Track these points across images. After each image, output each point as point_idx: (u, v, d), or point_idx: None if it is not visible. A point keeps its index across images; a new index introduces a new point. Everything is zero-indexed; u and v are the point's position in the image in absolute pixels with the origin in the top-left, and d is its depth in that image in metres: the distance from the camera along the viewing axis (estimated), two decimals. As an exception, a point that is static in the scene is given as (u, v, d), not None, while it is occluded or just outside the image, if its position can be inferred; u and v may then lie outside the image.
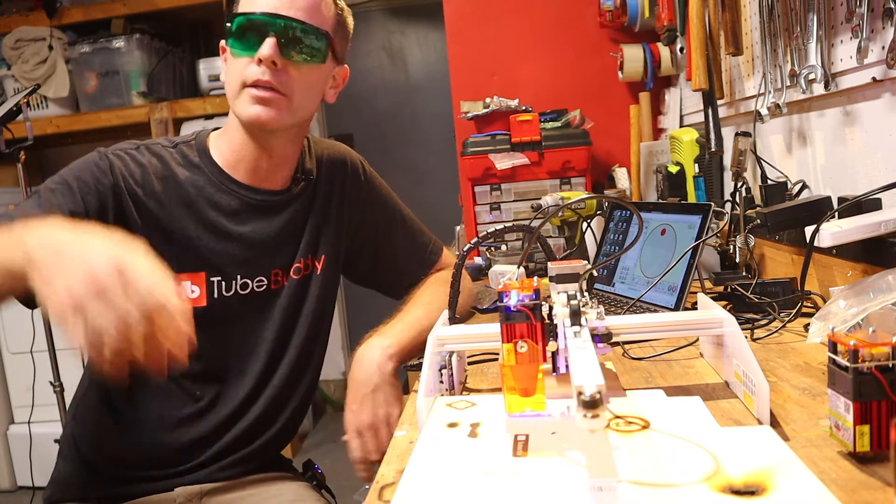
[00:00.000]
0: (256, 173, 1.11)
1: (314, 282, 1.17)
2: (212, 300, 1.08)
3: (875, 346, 0.54)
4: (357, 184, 1.24)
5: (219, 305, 1.09)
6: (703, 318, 0.80)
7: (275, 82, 1.02)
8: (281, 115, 1.04)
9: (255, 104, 1.03)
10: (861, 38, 1.01)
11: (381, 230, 1.26)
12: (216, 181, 1.10)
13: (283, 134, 1.09)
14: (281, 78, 1.03)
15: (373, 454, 1.01)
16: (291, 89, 1.04)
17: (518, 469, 0.57)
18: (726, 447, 0.58)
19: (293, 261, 1.15)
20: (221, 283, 1.09)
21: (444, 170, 3.43)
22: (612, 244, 1.41)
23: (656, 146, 1.99)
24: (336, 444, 3.21)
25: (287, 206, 1.15)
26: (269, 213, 1.13)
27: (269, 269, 1.13)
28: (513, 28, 2.23)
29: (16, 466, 3.05)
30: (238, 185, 1.11)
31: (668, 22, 1.57)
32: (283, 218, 1.14)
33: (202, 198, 1.08)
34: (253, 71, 1.02)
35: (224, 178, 1.10)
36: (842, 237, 0.97)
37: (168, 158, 1.09)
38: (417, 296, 1.19)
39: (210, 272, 1.08)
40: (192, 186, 1.08)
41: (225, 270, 1.09)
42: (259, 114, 1.03)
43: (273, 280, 1.13)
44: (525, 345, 0.64)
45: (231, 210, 1.10)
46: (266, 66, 1.01)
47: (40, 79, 2.99)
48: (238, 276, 1.10)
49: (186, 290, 1.06)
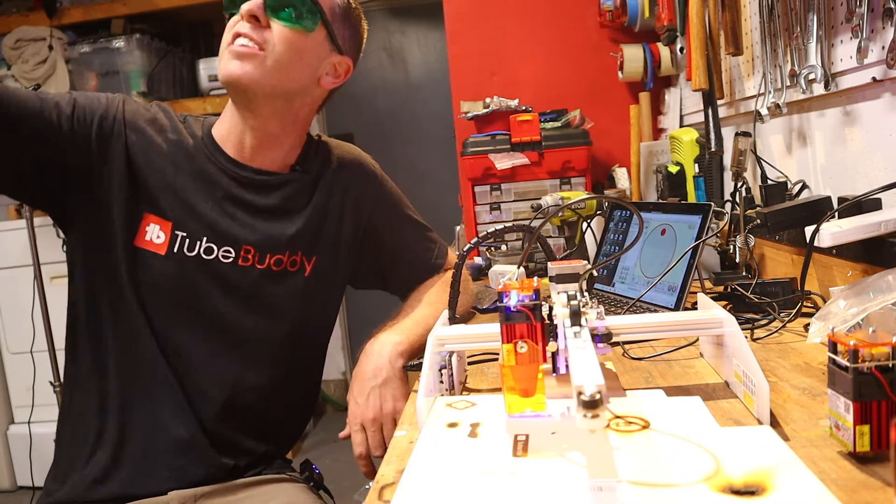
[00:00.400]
0: (242, 150, 1.12)
1: (301, 281, 1.15)
2: (171, 253, 1.07)
3: (875, 346, 0.54)
4: (366, 187, 1.23)
5: (178, 260, 1.07)
6: (703, 318, 0.80)
7: (254, 36, 1.02)
8: (255, 71, 1.03)
9: (232, 59, 1.03)
10: (861, 38, 1.01)
11: (389, 234, 1.25)
12: (207, 151, 1.11)
13: (264, 103, 1.07)
14: (263, 34, 1.03)
15: (376, 449, 1.00)
16: (272, 47, 1.03)
17: (518, 469, 0.57)
18: (726, 447, 0.58)
19: (274, 249, 1.13)
20: (185, 239, 1.08)
21: (444, 170, 3.42)
22: (612, 244, 1.41)
23: (656, 146, 1.99)
24: (336, 444, 3.20)
25: (274, 189, 1.13)
26: (252, 190, 1.12)
27: (239, 242, 1.11)
28: (513, 28, 2.23)
29: (16, 466, 3.05)
30: (226, 157, 1.11)
31: (668, 22, 1.57)
32: (268, 200, 1.13)
33: (191, 159, 1.10)
34: (238, 26, 1.03)
35: (216, 150, 1.11)
36: (842, 237, 0.97)
37: (176, 121, 1.13)
38: (425, 295, 1.19)
39: (177, 225, 1.08)
40: (185, 148, 1.10)
41: (192, 228, 1.09)
42: (233, 69, 1.02)
43: (242, 256, 1.11)
44: (525, 345, 0.64)
45: (213, 178, 1.10)
46: (246, 20, 1.02)
47: (40, 79, 2.99)
48: (204, 238, 1.09)
49: (153, 232, 1.07)
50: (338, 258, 1.20)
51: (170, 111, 1.15)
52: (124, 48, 3.04)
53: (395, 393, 1.01)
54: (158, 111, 1.14)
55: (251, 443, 1.14)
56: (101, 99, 1.08)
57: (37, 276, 2.51)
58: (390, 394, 1.01)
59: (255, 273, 1.12)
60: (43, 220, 2.77)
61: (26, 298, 2.68)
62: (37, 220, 2.60)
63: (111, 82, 3.07)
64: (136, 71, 3.07)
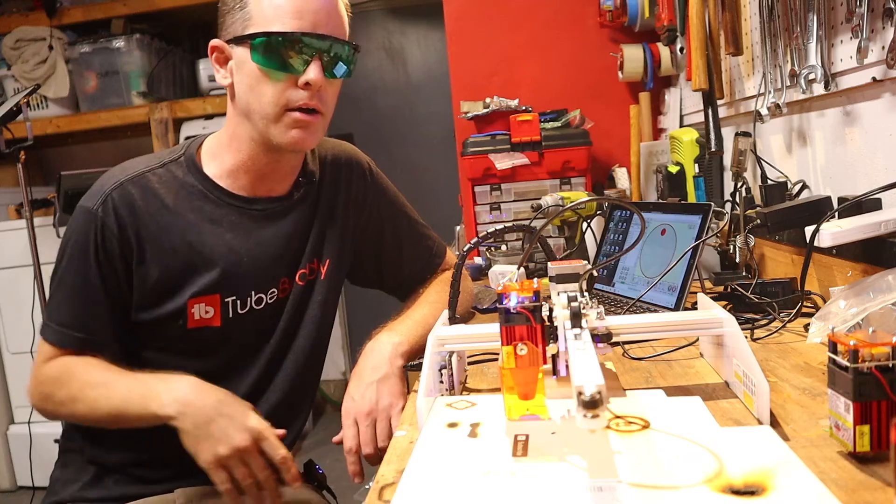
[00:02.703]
0: (262, 183, 1.10)
1: (318, 286, 1.17)
2: (226, 320, 1.08)
3: (875, 346, 0.54)
4: (363, 184, 1.23)
5: (233, 323, 1.08)
6: (703, 318, 0.80)
7: (318, 106, 1.01)
8: (318, 136, 1.05)
9: (297, 128, 1.01)
10: (861, 38, 1.01)
11: (387, 232, 1.25)
12: (213, 196, 1.07)
13: None
14: (322, 97, 1.02)
15: (366, 445, 0.97)
16: (328, 107, 1.04)
17: (518, 469, 0.57)
18: (726, 447, 0.58)
19: (299, 266, 1.14)
20: (237, 301, 1.08)
21: (444, 170, 3.42)
22: (612, 244, 1.41)
23: (656, 146, 1.99)
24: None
25: (290, 211, 1.13)
26: (271, 222, 1.11)
27: (278, 278, 1.12)
28: (513, 28, 2.23)
29: (16, 466, 3.05)
30: (236, 197, 1.08)
31: (668, 22, 1.57)
32: (288, 224, 1.12)
33: (204, 220, 1.06)
34: (297, 95, 1.00)
35: (220, 192, 1.08)
36: (842, 237, 0.97)
37: (157, 186, 1.05)
38: (424, 295, 1.19)
39: (224, 294, 1.07)
40: (190, 211, 1.06)
41: (238, 289, 1.08)
42: (303, 138, 1.02)
43: (281, 289, 1.13)
44: (525, 347, 0.64)
45: (233, 225, 1.08)
46: (313, 91, 1.00)
47: (40, 79, 2.99)
48: (252, 292, 1.09)
49: (199, 311, 1.06)
50: (343, 256, 1.20)
51: (141, 181, 1.05)
52: (124, 48, 3.04)
53: (393, 390, 0.99)
54: (136, 191, 1.04)
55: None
56: (101, 259, 1.03)
57: (37, 276, 2.51)
58: (387, 390, 0.98)
59: (291, 297, 1.14)
60: (43, 220, 2.77)
61: (26, 298, 2.68)
62: (37, 220, 2.60)
63: (111, 82, 3.08)
64: (136, 71, 3.07)
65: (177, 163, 1.09)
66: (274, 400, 1.14)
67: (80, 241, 1.03)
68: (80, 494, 1.10)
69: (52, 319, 1.05)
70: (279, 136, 1.01)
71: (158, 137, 3.01)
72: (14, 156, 2.35)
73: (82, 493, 1.10)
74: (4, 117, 2.31)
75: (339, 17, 1.03)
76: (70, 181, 2.66)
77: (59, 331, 1.04)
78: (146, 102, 3.06)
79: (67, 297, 1.04)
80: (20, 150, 2.35)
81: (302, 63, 0.99)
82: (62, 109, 3.14)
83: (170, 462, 1.08)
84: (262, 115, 1.01)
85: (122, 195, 1.03)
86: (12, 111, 2.33)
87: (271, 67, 0.99)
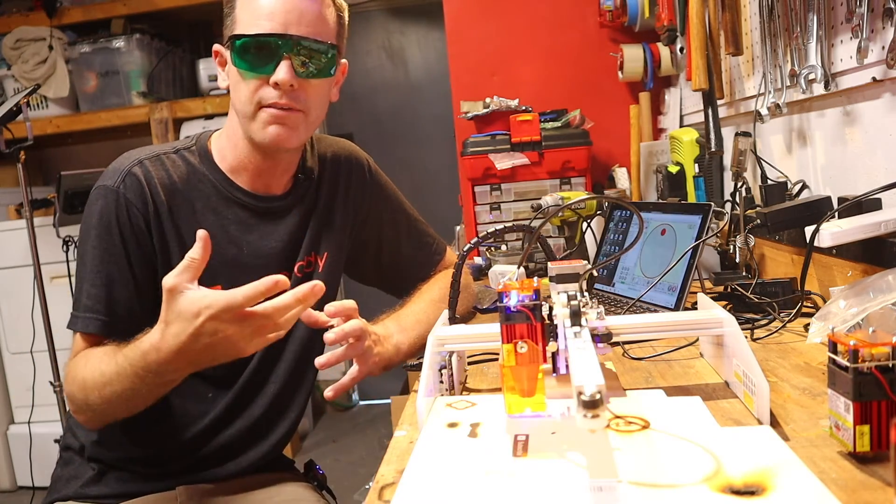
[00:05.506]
0: (260, 180, 1.11)
1: (316, 279, 1.16)
2: None
3: (875, 346, 0.54)
4: (362, 181, 1.23)
5: None
6: (703, 318, 0.80)
7: (294, 104, 1.02)
8: (299, 134, 1.05)
9: (272, 124, 1.02)
10: (861, 38, 1.01)
11: (386, 228, 1.26)
12: (221, 188, 1.09)
13: (297, 148, 1.10)
14: (298, 96, 1.02)
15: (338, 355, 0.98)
16: (308, 106, 1.04)
17: (518, 469, 0.57)
18: (726, 447, 0.58)
19: (297, 259, 1.15)
20: None
21: (444, 170, 3.43)
22: (612, 244, 1.41)
23: (656, 146, 1.99)
24: (336, 444, 3.21)
25: (291, 208, 1.14)
26: (274, 219, 1.13)
27: (277, 271, 1.11)
28: (513, 28, 2.23)
29: (16, 466, 3.05)
30: (243, 192, 1.10)
31: (668, 22, 1.57)
32: (289, 221, 1.14)
33: (209, 209, 1.08)
34: (269, 93, 1.01)
35: (229, 184, 1.10)
36: (842, 237, 0.97)
37: (171, 169, 1.07)
38: (426, 291, 1.19)
39: (224, 284, 1.07)
40: (199, 199, 1.08)
41: (239, 280, 1.08)
42: (278, 135, 1.02)
43: None
44: (525, 345, 0.64)
45: (238, 219, 1.10)
46: (283, 91, 1.01)
47: (40, 79, 2.99)
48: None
49: None
50: (341, 250, 1.21)
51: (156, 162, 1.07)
52: (124, 48, 3.04)
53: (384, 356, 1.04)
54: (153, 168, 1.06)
55: (260, 440, 1.14)
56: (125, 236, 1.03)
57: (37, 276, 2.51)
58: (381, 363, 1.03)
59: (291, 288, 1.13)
60: (43, 220, 2.77)
61: (26, 298, 2.68)
62: (37, 220, 2.60)
63: (111, 82, 3.07)
64: (136, 71, 3.07)
65: (189, 150, 1.11)
66: (272, 391, 1.14)
67: (103, 219, 1.03)
68: (81, 492, 1.10)
69: (77, 307, 1.03)
70: (257, 133, 1.03)
71: (158, 137, 3.01)
72: (14, 156, 2.35)
73: (84, 491, 1.10)
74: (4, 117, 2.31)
75: (315, 16, 1.03)
76: (70, 181, 2.66)
77: (84, 317, 1.02)
78: (146, 102, 3.06)
79: (90, 279, 1.02)
80: (20, 150, 2.35)
81: (269, 63, 1.00)
82: (62, 109, 3.14)
83: (171, 459, 1.09)
84: (242, 113, 1.04)
85: (142, 171, 1.05)
86: (12, 111, 2.33)
87: (244, 68, 1.02)
